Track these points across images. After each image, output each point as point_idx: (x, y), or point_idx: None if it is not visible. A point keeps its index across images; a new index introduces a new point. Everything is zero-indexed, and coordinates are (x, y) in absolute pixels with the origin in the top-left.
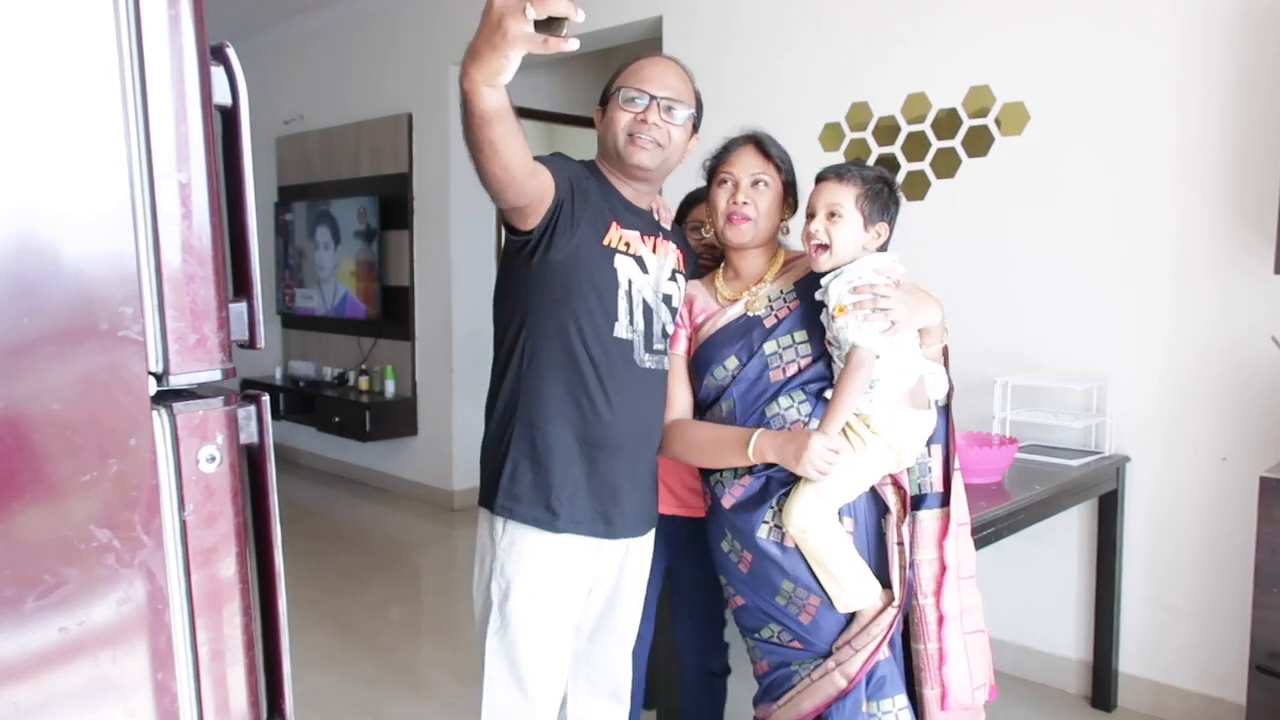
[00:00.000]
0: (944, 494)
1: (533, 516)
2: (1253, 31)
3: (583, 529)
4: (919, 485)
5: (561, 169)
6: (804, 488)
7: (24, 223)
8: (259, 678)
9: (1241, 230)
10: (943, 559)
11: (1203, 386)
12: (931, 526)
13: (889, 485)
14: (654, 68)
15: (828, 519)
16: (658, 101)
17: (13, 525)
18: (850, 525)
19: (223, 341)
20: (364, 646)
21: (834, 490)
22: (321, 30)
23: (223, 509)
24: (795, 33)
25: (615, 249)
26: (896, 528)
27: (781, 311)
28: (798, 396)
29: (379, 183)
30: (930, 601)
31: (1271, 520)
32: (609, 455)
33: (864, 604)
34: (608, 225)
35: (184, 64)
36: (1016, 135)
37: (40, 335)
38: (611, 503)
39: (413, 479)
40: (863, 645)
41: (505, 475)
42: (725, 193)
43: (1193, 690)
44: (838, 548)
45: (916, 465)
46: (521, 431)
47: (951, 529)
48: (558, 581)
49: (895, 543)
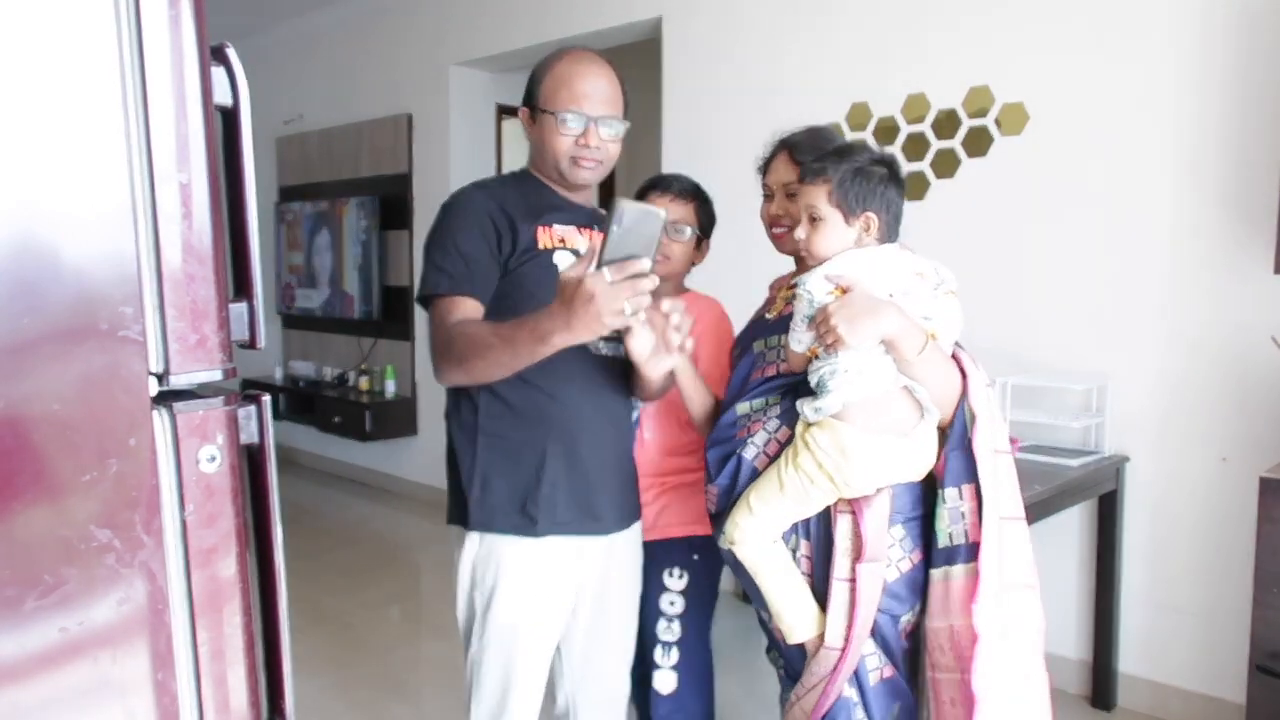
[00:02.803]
0: (975, 546)
1: (510, 525)
2: (1252, 31)
3: (568, 529)
4: (949, 535)
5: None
6: (740, 501)
7: (24, 223)
8: (259, 678)
9: (1241, 230)
10: (972, 626)
11: (1203, 386)
12: (959, 585)
13: (845, 514)
14: (586, 82)
15: (758, 537)
16: (595, 123)
17: (13, 525)
18: (806, 549)
19: (223, 341)
20: (364, 646)
21: (762, 509)
22: (321, 30)
23: (223, 509)
24: (795, 33)
25: (553, 248)
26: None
27: (785, 310)
28: (772, 399)
29: (379, 183)
30: (953, 678)
31: (1271, 520)
32: (582, 449)
33: (802, 637)
34: (535, 232)
35: (184, 64)
36: (1016, 135)
37: (40, 335)
38: (595, 497)
39: (413, 479)
40: (810, 684)
41: (475, 488)
42: (767, 204)
43: (1193, 690)
44: (767, 570)
45: (947, 512)
46: (487, 442)
47: (986, 589)
48: (540, 587)
49: (841, 578)
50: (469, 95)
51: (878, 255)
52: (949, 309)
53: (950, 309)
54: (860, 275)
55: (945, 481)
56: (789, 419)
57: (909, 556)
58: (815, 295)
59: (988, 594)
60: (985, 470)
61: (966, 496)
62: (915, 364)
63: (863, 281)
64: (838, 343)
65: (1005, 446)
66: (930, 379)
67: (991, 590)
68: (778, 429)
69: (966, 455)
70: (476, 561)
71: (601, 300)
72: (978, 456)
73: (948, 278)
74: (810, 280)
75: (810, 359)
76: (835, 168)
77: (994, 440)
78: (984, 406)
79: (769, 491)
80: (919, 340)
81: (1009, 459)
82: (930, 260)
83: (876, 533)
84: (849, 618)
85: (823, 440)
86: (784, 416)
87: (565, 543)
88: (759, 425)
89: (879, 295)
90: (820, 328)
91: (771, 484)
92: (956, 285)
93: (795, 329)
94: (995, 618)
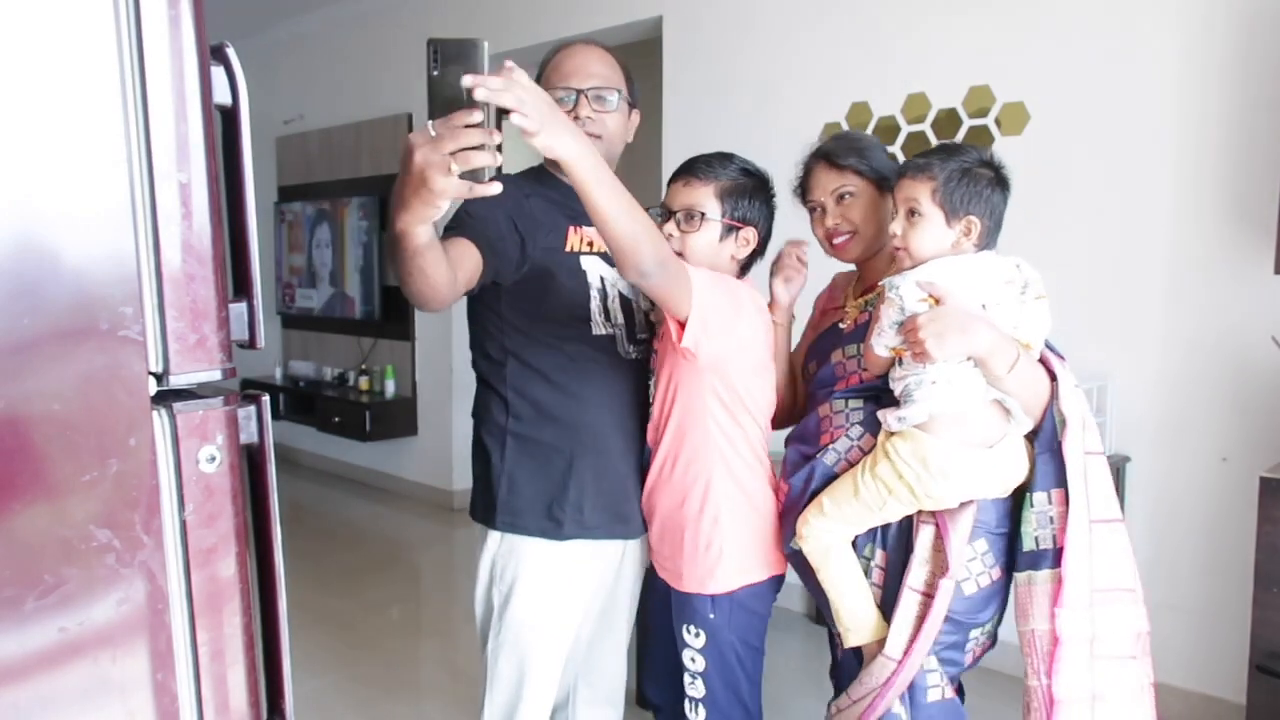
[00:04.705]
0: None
1: (537, 528)
2: (1252, 31)
3: (598, 533)
4: (1035, 539)
5: (488, 220)
6: (814, 501)
7: (24, 222)
8: (259, 678)
9: (1241, 230)
10: (1055, 631)
11: (1203, 386)
12: (1042, 591)
13: (929, 525)
14: (574, 59)
15: (826, 538)
16: (585, 94)
17: (13, 525)
18: (881, 559)
19: (223, 341)
20: (364, 646)
21: (834, 511)
22: (321, 30)
23: (223, 509)
24: (795, 32)
25: (579, 251)
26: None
27: (861, 318)
28: (853, 402)
29: (379, 183)
30: (1042, 683)
31: (1271, 520)
32: (609, 454)
33: (858, 641)
34: (565, 232)
35: (184, 64)
36: (1016, 135)
37: (40, 335)
38: (622, 501)
39: (413, 479)
40: (859, 695)
41: (502, 489)
42: (817, 221)
43: (1193, 690)
44: (831, 565)
45: (1035, 517)
46: (515, 444)
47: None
48: (559, 588)
49: (914, 588)
50: None
51: (973, 264)
52: (1039, 315)
53: (1040, 315)
54: (953, 286)
55: (1034, 485)
56: (872, 426)
57: (989, 571)
58: (906, 302)
59: (1075, 600)
60: (1075, 474)
61: (1055, 501)
62: (1005, 379)
63: (955, 294)
64: (923, 356)
65: (1097, 448)
66: (1021, 392)
67: (1080, 596)
68: (861, 436)
69: (1056, 459)
70: (497, 558)
71: (421, 158)
72: (1068, 460)
73: (1034, 280)
74: (903, 285)
75: (892, 363)
76: (942, 165)
77: (1085, 442)
78: (1074, 408)
79: (843, 495)
80: (1009, 356)
81: (1101, 459)
82: (1015, 259)
83: (959, 548)
84: (914, 630)
85: (904, 450)
86: (867, 423)
87: (588, 546)
88: (842, 432)
89: (972, 308)
90: (908, 337)
91: (846, 488)
92: (1044, 288)
93: (881, 332)
94: (1084, 623)
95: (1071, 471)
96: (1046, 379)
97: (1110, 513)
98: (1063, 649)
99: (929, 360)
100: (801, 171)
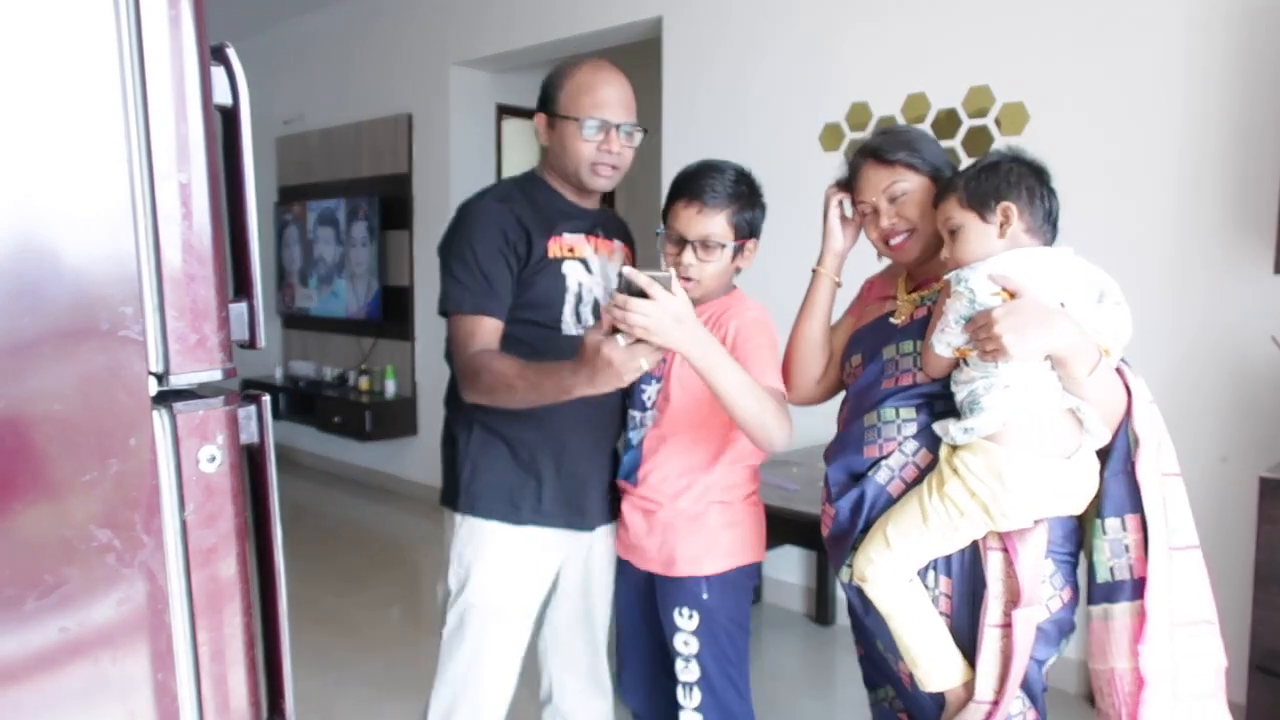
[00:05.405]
0: (1141, 582)
1: (497, 511)
2: (1253, 31)
3: (555, 521)
4: (1110, 569)
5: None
6: (873, 532)
7: (24, 222)
8: (259, 677)
9: (1241, 230)
10: (1138, 670)
11: (1203, 386)
12: (1122, 625)
13: (997, 551)
14: (609, 89)
15: (894, 576)
16: (617, 129)
17: (13, 525)
18: (946, 587)
19: (223, 341)
20: (364, 646)
21: (901, 544)
22: (321, 30)
23: (223, 509)
24: (795, 33)
25: (561, 258)
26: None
27: (918, 313)
28: (905, 412)
29: (379, 183)
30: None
31: (1271, 520)
32: (572, 450)
33: (940, 686)
34: (547, 240)
35: (184, 64)
36: (1016, 135)
37: (40, 335)
38: (581, 495)
39: (413, 479)
40: None
41: (465, 474)
42: (870, 223)
43: None
44: (904, 612)
45: (1108, 545)
46: (482, 433)
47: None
48: (516, 573)
49: (993, 624)
50: (469, 95)
51: (1050, 257)
52: (1120, 321)
53: (1122, 322)
54: (1030, 280)
55: (1105, 510)
56: (928, 440)
57: (1059, 594)
58: (978, 296)
59: (1157, 634)
60: (1151, 498)
61: (1130, 528)
62: (1085, 383)
63: (1031, 287)
64: (999, 353)
65: (1174, 469)
66: (1099, 399)
67: (1162, 630)
68: (916, 451)
69: (1129, 482)
70: (458, 541)
71: (619, 364)
72: (1143, 483)
73: (1112, 288)
74: (973, 278)
75: (953, 365)
76: (961, 174)
77: (1161, 463)
78: (1148, 428)
79: (909, 523)
80: (1092, 357)
81: (1179, 482)
82: (1092, 267)
83: (1033, 572)
84: (1002, 668)
85: (975, 465)
86: (921, 437)
87: (545, 533)
88: (894, 445)
89: (1050, 303)
90: (980, 333)
91: (912, 515)
92: (1122, 296)
93: (946, 329)
94: (1166, 660)
95: (1148, 496)
96: (1123, 390)
97: (1188, 539)
98: (1149, 690)
99: (1004, 358)
100: (848, 173)
